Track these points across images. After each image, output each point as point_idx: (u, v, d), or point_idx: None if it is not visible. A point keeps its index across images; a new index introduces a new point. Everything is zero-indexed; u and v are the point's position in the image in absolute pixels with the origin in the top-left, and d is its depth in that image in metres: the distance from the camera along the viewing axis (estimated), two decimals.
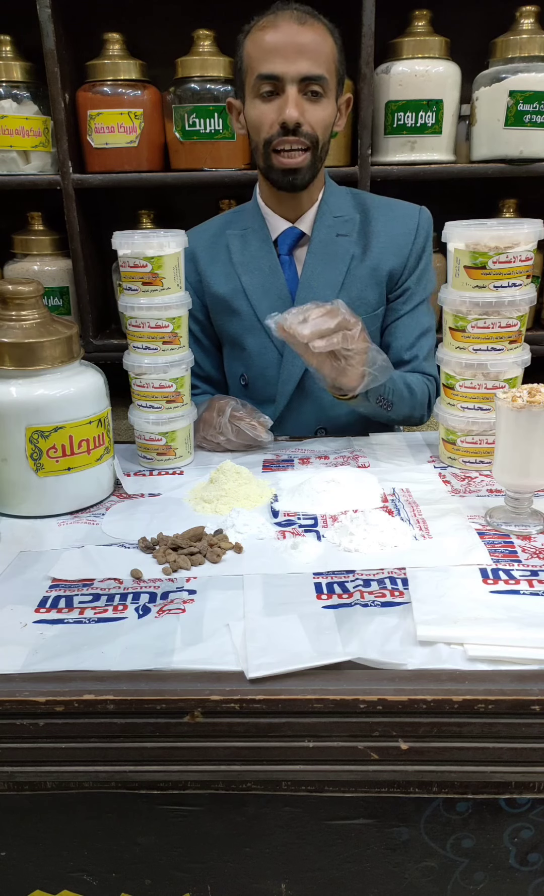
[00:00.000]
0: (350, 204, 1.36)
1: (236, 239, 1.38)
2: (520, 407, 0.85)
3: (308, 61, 1.18)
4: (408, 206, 1.37)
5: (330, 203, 1.34)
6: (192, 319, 1.45)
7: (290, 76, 1.18)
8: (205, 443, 1.22)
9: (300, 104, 1.19)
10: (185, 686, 0.65)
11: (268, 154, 1.24)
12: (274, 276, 1.34)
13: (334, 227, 1.33)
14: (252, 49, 1.22)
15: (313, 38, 1.18)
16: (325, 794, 0.67)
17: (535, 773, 0.65)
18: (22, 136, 1.81)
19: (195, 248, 1.42)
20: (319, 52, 1.19)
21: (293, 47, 1.17)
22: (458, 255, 1.01)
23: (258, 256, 1.35)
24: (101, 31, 1.80)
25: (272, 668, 0.66)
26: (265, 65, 1.19)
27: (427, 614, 0.72)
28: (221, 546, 0.87)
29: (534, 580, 0.78)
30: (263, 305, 1.35)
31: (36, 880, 0.74)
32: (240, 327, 1.38)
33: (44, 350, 0.95)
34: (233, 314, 1.38)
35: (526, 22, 1.72)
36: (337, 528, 0.91)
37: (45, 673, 0.67)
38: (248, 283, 1.35)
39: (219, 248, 1.39)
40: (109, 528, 0.95)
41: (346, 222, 1.33)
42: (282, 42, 1.18)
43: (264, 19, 1.22)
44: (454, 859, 0.71)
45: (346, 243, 1.33)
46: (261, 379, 1.39)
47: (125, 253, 1.06)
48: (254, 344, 1.37)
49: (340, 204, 1.35)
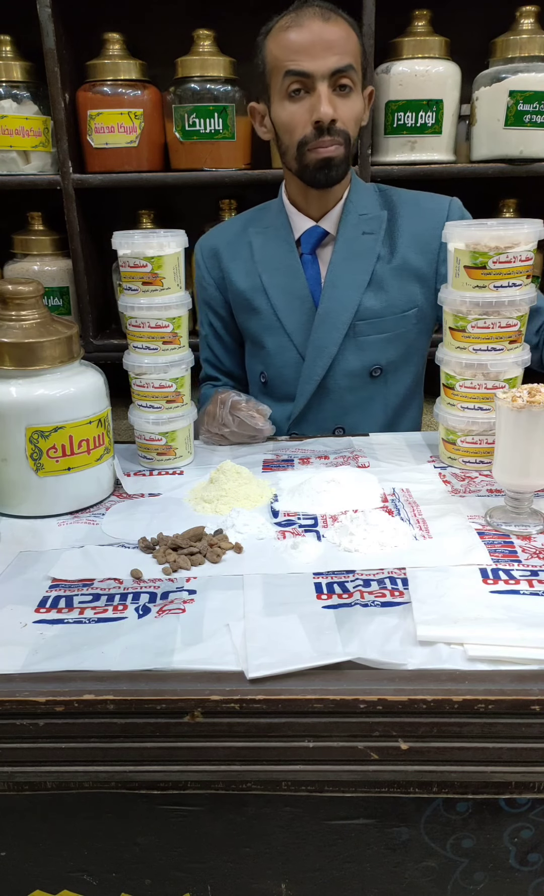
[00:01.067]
0: (376, 201, 1.34)
1: (258, 237, 1.37)
2: (520, 407, 0.85)
3: (337, 55, 1.17)
4: (437, 198, 1.35)
5: (355, 201, 1.32)
6: (215, 316, 1.46)
7: (321, 72, 1.17)
8: (210, 436, 1.23)
9: (332, 101, 1.18)
10: (185, 686, 0.65)
11: (303, 154, 1.23)
12: (294, 275, 1.33)
13: (359, 225, 1.31)
14: (276, 49, 1.20)
15: (339, 33, 1.18)
16: (325, 794, 0.67)
17: (535, 773, 0.65)
18: (22, 136, 1.81)
19: (218, 245, 1.41)
20: (346, 45, 1.18)
21: (321, 43, 1.16)
22: (458, 255, 1.01)
23: (278, 255, 1.34)
24: (101, 30, 1.80)
25: (272, 668, 0.66)
26: (293, 63, 1.18)
27: (427, 614, 0.72)
28: (221, 546, 0.87)
29: (534, 580, 0.78)
30: (283, 304, 1.34)
31: (36, 880, 0.74)
32: (260, 326, 1.38)
33: (44, 350, 0.95)
34: (253, 312, 1.38)
35: (526, 22, 1.71)
36: (337, 528, 0.91)
37: (45, 673, 0.67)
38: (268, 282, 1.35)
39: (242, 246, 1.39)
40: (109, 528, 0.95)
41: (372, 220, 1.32)
42: (309, 39, 1.17)
43: (286, 18, 1.21)
44: (454, 859, 0.71)
45: (372, 242, 1.31)
46: (280, 378, 1.39)
47: (125, 253, 1.06)
48: (273, 343, 1.37)
49: (366, 201, 1.33)
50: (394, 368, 1.36)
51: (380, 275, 1.31)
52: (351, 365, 1.34)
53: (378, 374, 1.35)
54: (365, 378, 1.35)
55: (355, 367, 1.34)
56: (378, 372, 1.35)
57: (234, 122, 1.77)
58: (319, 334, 1.32)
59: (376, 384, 1.36)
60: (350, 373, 1.34)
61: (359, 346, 1.33)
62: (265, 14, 1.29)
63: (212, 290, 1.44)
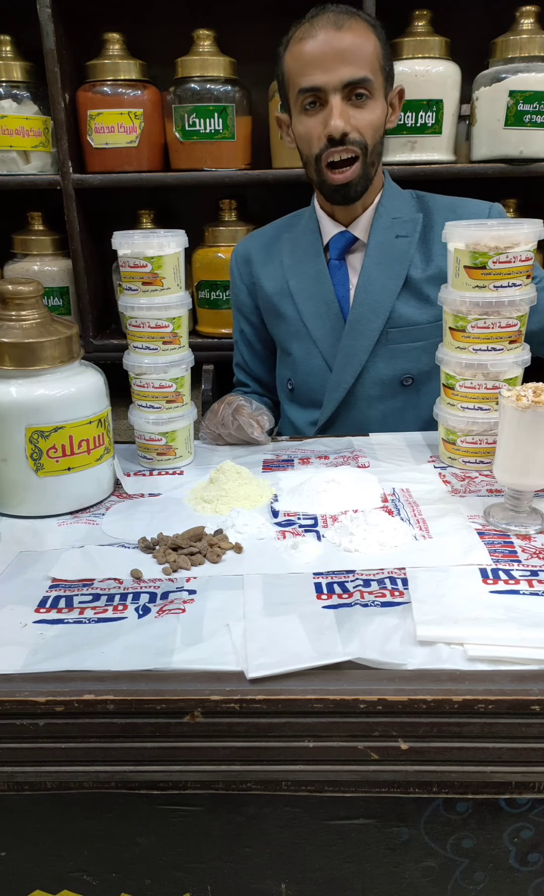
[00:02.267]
0: (411, 205, 1.32)
1: (288, 242, 1.37)
2: (525, 406, 0.85)
3: (349, 66, 1.14)
4: (477, 204, 1.33)
5: (388, 205, 1.30)
6: (246, 322, 1.46)
7: (332, 85, 1.15)
8: (208, 433, 1.23)
9: (345, 112, 1.17)
10: (185, 686, 0.65)
11: (321, 169, 1.22)
12: (320, 280, 1.32)
13: (392, 228, 1.30)
14: (291, 63, 1.19)
15: (352, 41, 1.15)
16: (325, 794, 0.67)
17: (535, 773, 0.65)
18: (22, 136, 1.81)
19: (251, 251, 1.41)
20: (361, 54, 1.15)
21: (332, 54, 1.14)
22: (458, 255, 1.01)
23: (305, 260, 1.34)
24: (101, 30, 1.80)
25: (272, 668, 0.66)
26: (305, 77, 1.17)
27: (427, 614, 0.72)
28: (221, 546, 0.87)
29: (534, 580, 0.78)
30: (309, 310, 1.33)
31: (36, 880, 0.74)
32: (287, 332, 1.38)
33: (44, 350, 0.95)
34: (280, 318, 1.38)
35: (526, 22, 1.71)
36: (337, 528, 0.91)
37: (45, 673, 0.67)
38: (295, 287, 1.34)
39: (274, 251, 1.39)
40: (109, 528, 0.95)
41: (406, 223, 1.30)
42: (320, 51, 1.15)
43: (301, 28, 1.18)
44: (454, 859, 0.71)
45: (406, 245, 1.29)
46: (305, 385, 1.38)
47: (125, 253, 1.06)
48: (300, 350, 1.36)
49: (400, 205, 1.31)
50: (426, 378, 1.33)
51: (415, 281, 1.29)
52: (381, 373, 1.32)
53: (409, 383, 1.33)
54: (395, 387, 1.33)
55: (386, 376, 1.32)
56: (409, 381, 1.32)
57: (234, 122, 1.77)
58: (349, 341, 1.31)
59: (407, 393, 1.34)
60: (380, 381, 1.33)
61: (390, 354, 1.31)
62: (264, 14, 1.29)
63: (243, 295, 1.44)
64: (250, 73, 1.86)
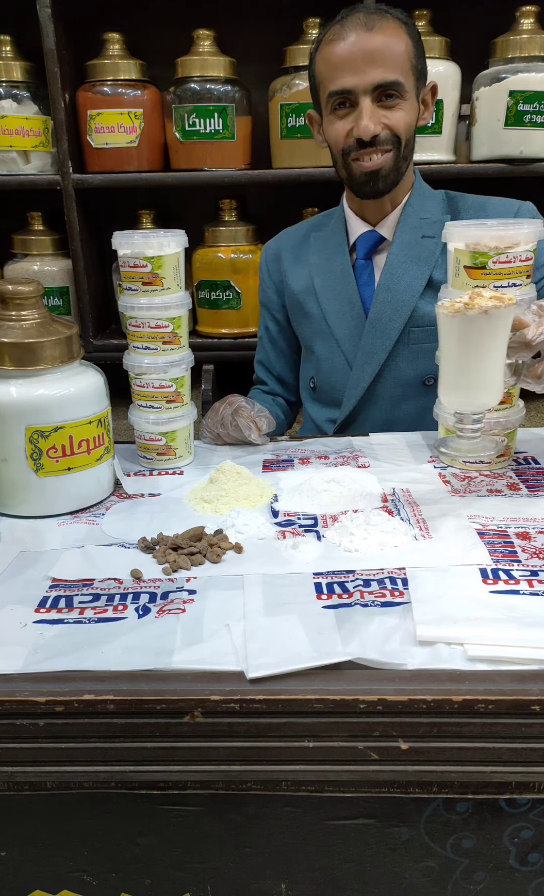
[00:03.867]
0: (440, 206, 1.31)
1: (317, 241, 1.37)
2: (457, 310, 0.78)
3: (380, 68, 1.13)
4: (507, 202, 1.31)
5: (416, 205, 1.29)
6: (271, 319, 1.46)
7: (362, 88, 1.14)
8: (208, 431, 1.23)
9: (375, 114, 1.16)
10: (185, 686, 0.65)
11: (348, 164, 1.22)
12: (344, 279, 1.32)
13: (419, 228, 1.29)
14: (322, 65, 1.18)
15: (383, 42, 1.13)
16: (325, 794, 0.67)
17: (535, 773, 0.65)
18: (22, 136, 1.81)
19: (281, 249, 1.42)
20: (392, 56, 1.14)
21: (362, 57, 1.13)
22: (458, 255, 1.01)
23: (331, 259, 1.34)
24: (100, 30, 1.80)
25: (272, 668, 0.66)
26: (335, 80, 1.16)
27: (427, 614, 0.72)
28: (221, 546, 0.87)
29: (534, 580, 0.78)
30: (333, 309, 1.33)
31: (36, 880, 0.74)
32: (311, 330, 1.38)
33: (44, 350, 0.95)
34: (305, 316, 1.38)
35: (526, 22, 1.72)
36: (337, 528, 0.91)
37: (45, 673, 0.67)
38: (320, 285, 1.34)
39: (303, 250, 1.39)
40: (109, 528, 0.95)
41: (434, 224, 1.28)
42: (350, 53, 1.13)
43: (332, 30, 1.17)
44: (454, 859, 0.71)
45: (432, 246, 1.28)
46: (328, 384, 1.38)
47: (125, 253, 1.06)
48: (323, 348, 1.36)
49: (429, 206, 1.30)
50: None
51: (440, 282, 1.27)
52: (403, 373, 1.32)
53: (431, 384, 1.31)
54: (418, 387, 1.32)
55: (408, 375, 1.32)
56: (431, 381, 1.31)
57: (234, 122, 1.77)
58: (369, 340, 1.30)
59: (430, 394, 1.32)
60: (402, 381, 1.32)
61: (412, 354, 1.31)
62: (264, 14, 1.29)
63: (270, 293, 1.44)
64: (250, 73, 1.86)
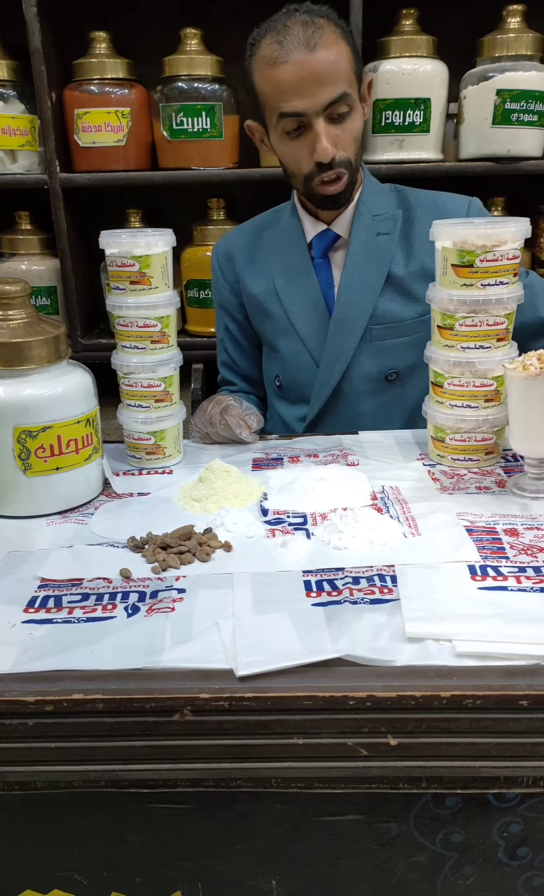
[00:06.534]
0: (392, 201, 1.32)
1: (272, 240, 1.36)
2: (534, 374, 0.89)
3: (328, 87, 1.12)
4: (457, 199, 1.32)
5: (368, 202, 1.30)
6: (231, 319, 1.46)
7: (314, 109, 1.13)
8: (196, 431, 1.23)
9: (331, 134, 1.15)
10: (175, 684, 0.65)
11: (310, 187, 1.22)
12: (306, 278, 1.32)
13: (373, 226, 1.29)
14: (265, 85, 1.16)
15: (327, 61, 1.11)
16: (315, 790, 0.68)
17: (523, 768, 0.66)
18: (8, 136, 1.80)
19: (233, 249, 1.41)
20: (337, 72, 1.12)
21: (310, 80, 1.11)
22: (446, 254, 1.01)
23: (291, 259, 1.33)
24: (87, 29, 1.80)
25: (261, 665, 0.66)
26: (284, 103, 1.14)
27: (415, 611, 0.72)
28: (210, 545, 0.87)
29: (522, 576, 0.79)
30: (296, 308, 1.33)
31: (26, 880, 0.74)
32: (274, 329, 1.37)
33: (31, 350, 0.94)
34: (267, 316, 1.37)
35: (512, 21, 1.72)
36: (326, 526, 0.91)
37: (34, 673, 0.67)
38: (281, 286, 1.34)
39: (256, 249, 1.38)
40: (98, 527, 0.95)
41: (387, 220, 1.29)
42: (297, 77, 1.11)
43: (270, 46, 1.13)
44: (443, 854, 0.72)
45: (387, 242, 1.29)
46: (295, 382, 1.38)
47: (112, 252, 1.06)
48: (288, 347, 1.36)
49: (381, 202, 1.31)
50: (411, 373, 1.34)
51: (398, 278, 1.29)
52: (367, 369, 1.33)
53: (394, 379, 1.34)
54: (381, 382, 1.34)
55: (371, 372, 1.33)
56: (394, 376, 1.33)
57: (222, 120, 1.77)
58: (335, 339, 1.31)
59: (393, 389, 1.35)
60: (366, 377, 1.33)
61: (375, 351, 1.32)
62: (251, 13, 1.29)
63: (227, 293, 1.44)
64: (238, 72, 1.84)
